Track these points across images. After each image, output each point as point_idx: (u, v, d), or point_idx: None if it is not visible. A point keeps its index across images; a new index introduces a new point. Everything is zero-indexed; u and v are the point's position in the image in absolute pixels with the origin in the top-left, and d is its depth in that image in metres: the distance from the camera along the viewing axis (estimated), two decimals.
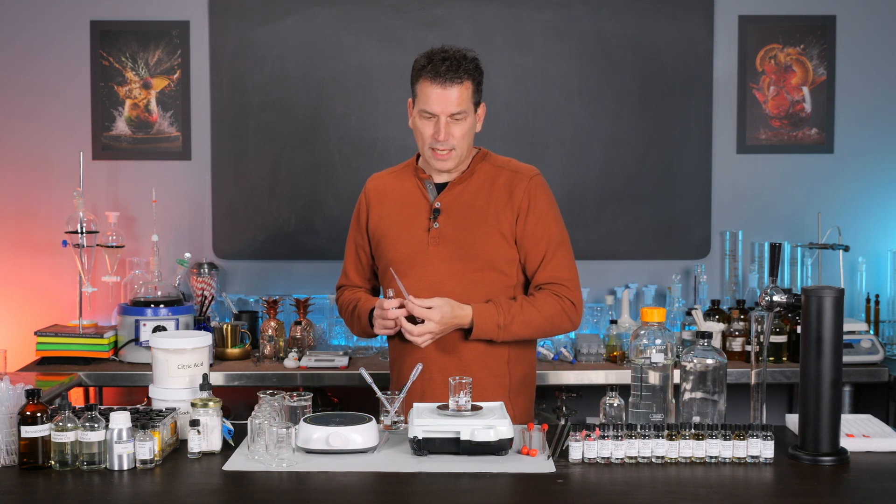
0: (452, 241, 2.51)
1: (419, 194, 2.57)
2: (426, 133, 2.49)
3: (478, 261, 2.50)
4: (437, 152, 2.48)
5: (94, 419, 2.08)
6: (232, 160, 3.97)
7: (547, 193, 2.57)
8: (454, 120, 2.46)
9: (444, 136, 2.45)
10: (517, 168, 2.58)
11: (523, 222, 2.51)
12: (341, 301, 2.69)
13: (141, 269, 3.81)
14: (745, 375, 3.28)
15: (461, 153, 2.50)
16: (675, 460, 2.12)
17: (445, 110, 2.45)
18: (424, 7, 3.94)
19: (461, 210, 2.52)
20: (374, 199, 2.63)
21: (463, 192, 2.54)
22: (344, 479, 2.01)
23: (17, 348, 3.74)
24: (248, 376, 3.44)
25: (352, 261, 2.70)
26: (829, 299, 2.12)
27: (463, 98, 2.46)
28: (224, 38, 3.94)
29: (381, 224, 2.59)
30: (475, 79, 2.49)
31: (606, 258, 4.01)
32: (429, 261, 2.51)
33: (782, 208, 4.01)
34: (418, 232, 2.53)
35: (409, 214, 2.56)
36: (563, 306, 2.51)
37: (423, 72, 2.47)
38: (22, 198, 3.97)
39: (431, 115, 2.46)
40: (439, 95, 2.44)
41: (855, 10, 3.96)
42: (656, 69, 3.96)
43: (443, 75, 2.43)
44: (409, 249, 2.53)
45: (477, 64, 2.50)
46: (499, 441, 2.11)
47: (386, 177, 2.67)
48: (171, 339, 2.37)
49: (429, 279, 2.49)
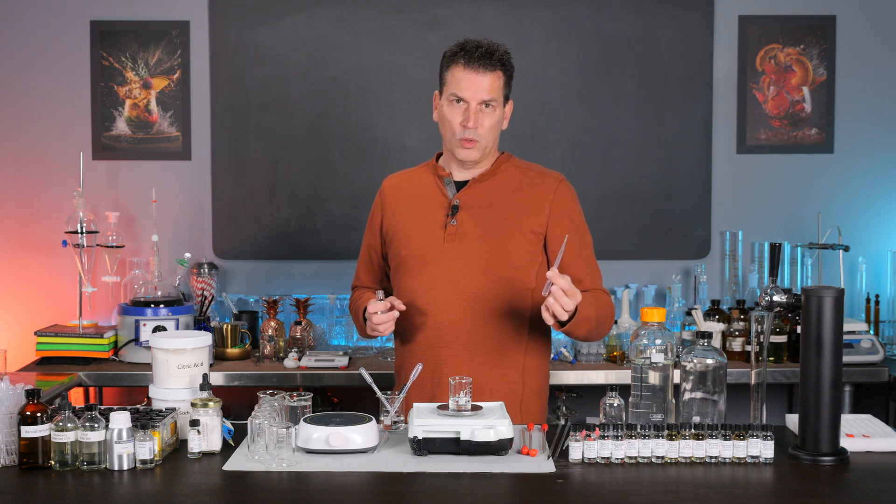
0: (471, 240, 2.45)
1: (437, 191, 2.52)
2: (455, 120, 2.44)
3: (495, 261, 2.44)
4: (465, 141, 2.43)
5: (94, 419, 2.08)
6: (232, 160, 3.97)
7: (575, 198, 2.54)
8: (484, 109, 2.42)
9: (474, 122, 2.41)
10: (544, 171, 2.55)
11: (552, 224, 2.45)
12: (351, 301, 2.68)
13: (141, 269, 3.81)
14: (745, 375, 3.28)
15: (487, 145, 2.46)
16: (675, 460, 2.12)
17: (476, 96, 2.41)
18: (424, 7, 3.94)
19: (482, 208, 2.47)
20: (390, 197, 2.59)
21: (484, 191, 2.49)
22: (344, 479, 2.01)
23: (17, 348, 3.74)
24: (248, 376, 3.44)
25: (364, 262, 2.67)
26: (829, 299, 2.12)
27: (495, 87, 2.42)
28: (224, 38, 3.94)
29: (396, 221, 2.54)
30: (507, 70, 2.46)
31: (606, 258, 3.97)
32: (443, 258, 2.45)
33: (782, 208, 4.01)
34: (435, 228, 2.48)
35: (425, 211, 2.51)
36: (613, 311, 2.49)
37: (455, 58, 2.43)
38: (22, 198, 3.97)
39: (462, 100, 2.42)
40: (471, 80, 2.41)
41: (855, 10, 3.97)
42: (656, 69, 3.96)
43: (476, 61, 2.40)
44: (424, 246, 2.47)
45: (510, 58, 2.47)
46: (499, 441, 2.11)
47: (403, 175, 2.63)
48: (171, 339, 2.37)
49: (442, 276, 2.45)
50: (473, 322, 2.44)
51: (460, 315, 2.44)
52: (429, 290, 2.44)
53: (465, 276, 2.44)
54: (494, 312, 2.44)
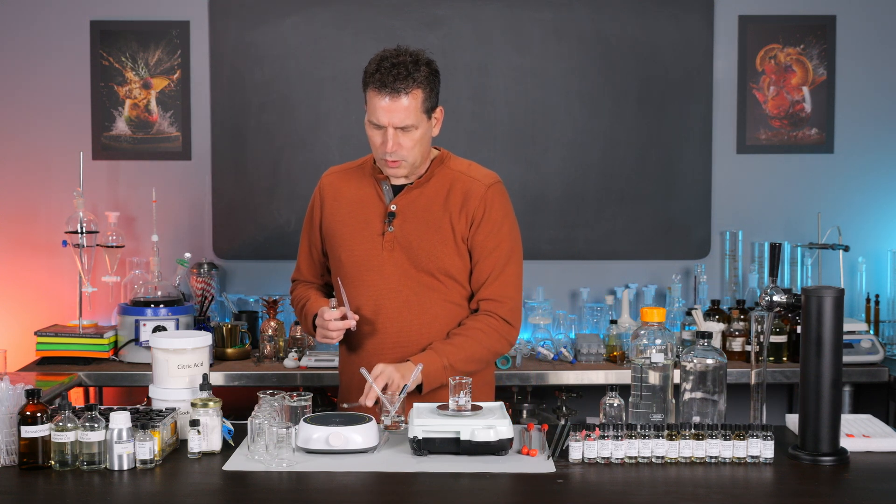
0: (407, 247, 2.46)
1: (375, 196, 2.51)
2: (376, 142, 2.42)
3: (432, 268, 2.45)
4: (389, 161, 2.42)
5: (94, 419, 2.08)
6: (232, 160, 3.97)
7: (504, 203, 2.50)
8: (403, 131, 2.38)
9: (392, 146, 2.38)
10: (476, 175, 2.50)
11: (475, 232, 2.45)
12: (294, 296, 2.67)
13: (141, 269, 3.81)
14: (745, 375, 3.28)
15: (413, 161, 2.43)
16: (675, 460, 2.12)
17: (392, 122, 2.37)
18: (424, 7, 3.94)
19: (417, 215, 2.46)
20: (329, 196, 2.58)
21: (419, 197, 2.48)
22: (344, 479, 2.01)
23: (17, 348, 3.74)
24: (248, 376, 3.44)
25: (304, 256, 2.66)
26: (829, 299, 2.12)
27: (411, 110, 2.36)
28: (224, 38, 3.94)
29: (335, 223, 2.54)
30: (427, 86, 2.38)
31: (606, 258, 4.01)
32: (383, 266, 2.47)
33: (782, 208, 4.01)
34: (373, 235, 2.48)
35: (363, 216, 2.50)
36: (500, 330, 2.46)
37: (372, 79, 2.38)
38: (22, 198, 3.97)
39: (379, 126, 2.40)
40: (386, 108, 2.36)
41: (855, 10, 3.96)
42: (656, 69, 3.96)
43: (389, 86, 2.34)
44: (363, 253, 2.48)
45: (431, 69, 2.40)
46: (499, 441, 2.11)
47: (342, 174, 2.61)
48: (171, 339, 2.37)
49: (383, 284, 2.46)
50: (418, 330, 2.46)
51: (405, 324, 2.47)
52: (374, 299, 2.46)
53: (404, 285, 2.46)
54: (435, 319, 2.47)
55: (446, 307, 2.48)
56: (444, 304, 2.47)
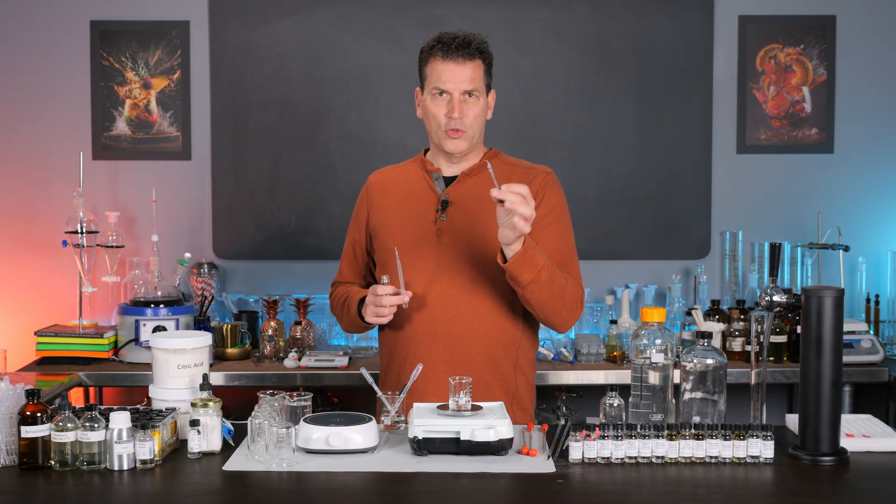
0: (461, 234, 2.45)
1: (426, 186, 2.51)
2: (439, 113, 2.43)
3: (485, 255, 2.43)
4: (451, 131, 2.43)
5: (94, 419, 2.08)
6: (232, 160, 3.97)
7: (561, 193, 2.53)
8: (467, 99, 2.42)
9: (459, 112, 2.41)
10: (531, 166, 2.55)
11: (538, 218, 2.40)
12: (333, 295, 2.65)
13: (141, 269, 3.81)
14: (745, 375, 3.28)
15: (474, 135, 2.46)
16: (675, 460, 2.12)
17: (458, 87, 2.41)
18: (424, 7, 3.94)
19: (471, 203, 2.46)
20: (376, 192, 2.57)
21: (474, 186, 2.48)
22: (344, 479, 2.01)
23: (17, 348, 3.74)
24: (248, 376, 3.44)
25: (347, 258, 2.65)
26: (829, 299, 2.12)
27: (476, 75, 2.42)
28: (224, 38, 3.94)
29: (384, 215, 2.53)
30: (486, 59, 2.45)
31: (606, 258, 4.01)
32: (434, 252, 2.45)
33: (782, 208, 4.02)
34: (424, 223, 2.47)
35: (414, 206, 2.50)
36: (578, 294, 2.44)
37: (433, 51, 2.43)
38: (22, 198, 3.97)
39: (444, 92, 2.42)
40: (452, 71, 2.40)
41: (855, 10, 3.97)
42: (656, 69, 3.96)
43: (454, 51, 2.40)
44: (414, 240, 2.46)
45: (487, 46, 2.47)
46: (499, 441, 2.11)
47: (389, 171, 2.62)
48: (171, 339, 2.37)
49: (433, 270, 2.44)
50: (470, 318, 2.43)
51: (455, 311, 2.43)
52: (416, 282, 2.43)
53: (454, 272, 2.44)
54: (489, 309, 2.44)
55: (499, 297, 2.44)
56: (496, 294, 2.44)
